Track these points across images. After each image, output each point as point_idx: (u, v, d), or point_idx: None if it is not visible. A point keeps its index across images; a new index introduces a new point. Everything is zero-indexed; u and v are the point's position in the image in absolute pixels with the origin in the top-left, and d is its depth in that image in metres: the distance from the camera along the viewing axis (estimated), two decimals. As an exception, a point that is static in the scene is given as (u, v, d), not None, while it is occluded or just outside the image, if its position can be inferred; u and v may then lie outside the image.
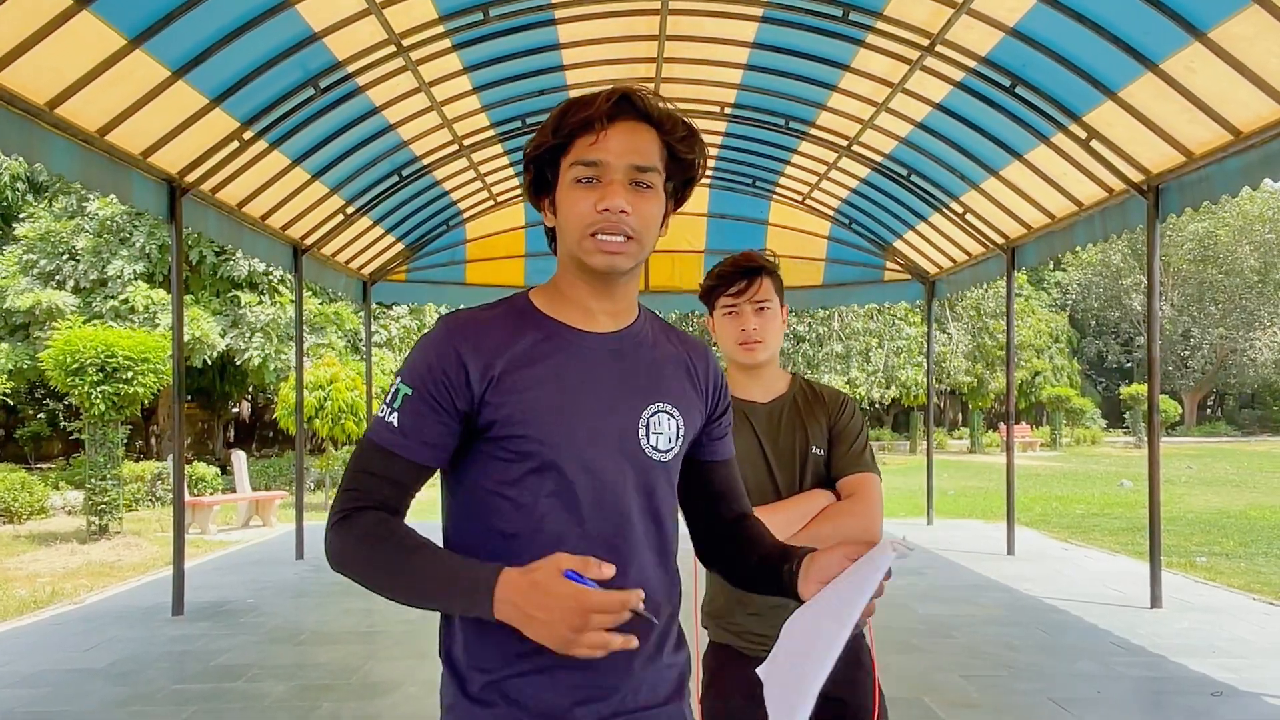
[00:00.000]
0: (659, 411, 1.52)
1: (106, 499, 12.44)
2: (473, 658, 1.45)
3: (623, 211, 1.41)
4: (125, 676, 5.78)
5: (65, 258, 20.68)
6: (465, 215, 12.27)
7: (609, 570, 1.29)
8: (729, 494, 1.71)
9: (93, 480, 12.48)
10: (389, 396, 1.44)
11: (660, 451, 1.52)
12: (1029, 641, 6.43)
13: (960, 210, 10.17)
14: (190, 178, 7.47)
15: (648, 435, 1.50)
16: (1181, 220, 42.45)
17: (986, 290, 35.44)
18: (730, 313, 2.46)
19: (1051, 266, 47.14)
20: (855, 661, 2.59)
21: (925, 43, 7.38)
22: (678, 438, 1.55)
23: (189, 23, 5.92)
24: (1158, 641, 6.37)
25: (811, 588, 1.53)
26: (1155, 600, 7.43)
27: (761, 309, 2.44)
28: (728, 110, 9.86)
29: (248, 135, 7.48)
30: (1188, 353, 47.01)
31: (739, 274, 2.46)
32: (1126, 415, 40.94)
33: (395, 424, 1.42)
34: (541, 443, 1.42)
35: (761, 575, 1.62)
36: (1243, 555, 11.22)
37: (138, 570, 10.06)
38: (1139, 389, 38.91)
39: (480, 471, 1.46)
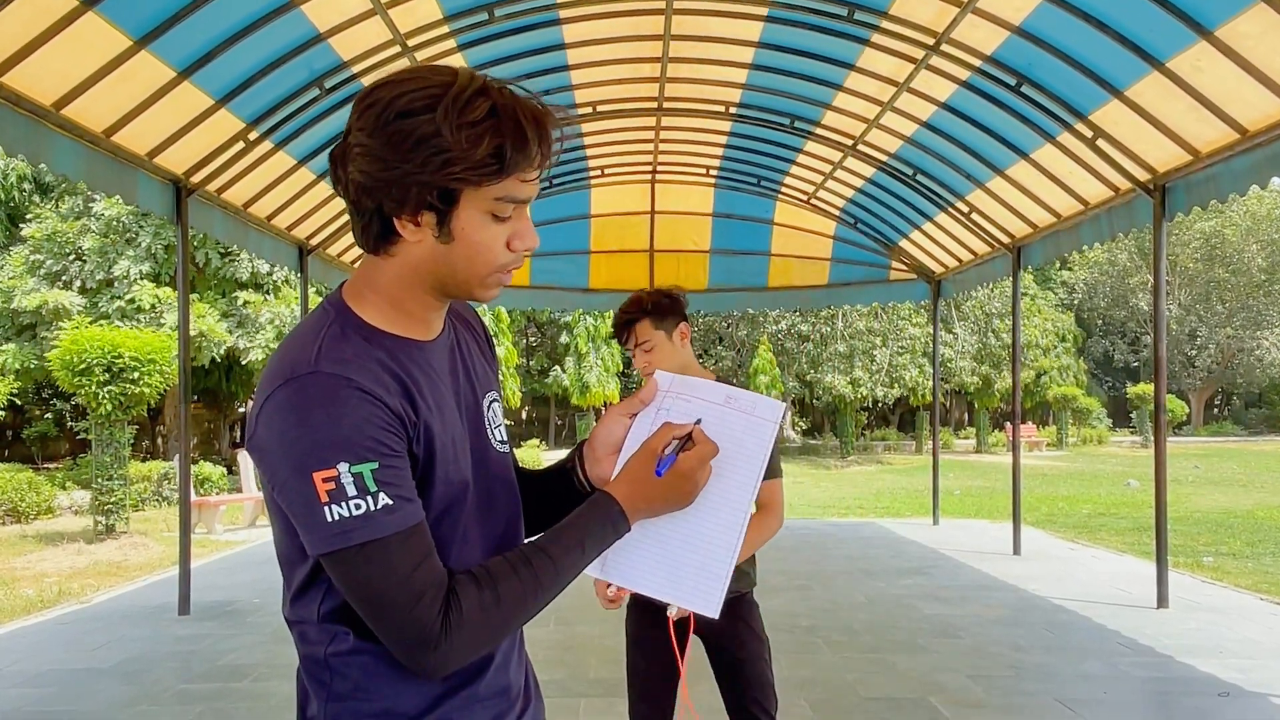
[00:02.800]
0: (493, 402, 1.49)
1: (113, 499, 12.46)
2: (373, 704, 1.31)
3: None
4: (132, 676, 5.79)
5: (72, 258, 20.75)
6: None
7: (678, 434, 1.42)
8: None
9: (99, 480, 12.50)
10: (349, 491, 1.18)
11: (502, 443, 1.49)
12: (1035, 642, 6.41)
13: (966, 209, 10.16)
14: (196, 178, 7.49)
15: (491, 429, 1.46)
16: (1189, 220, 42.36)
17: (993, 290, 35.37)
18: (630, 353, 3.07)
19: (1058, 266, 47.08)
20: (738, 616, 3.03)
21: (930, 42, 7.37)
22: (502, 417, 1.53)
23: (195, 23, 5.93)
24: (1164, 642, 6.35)
25: (605, 463, 1.50)
26: (1162, 600, 7.40)
27: (646, 348, 2.99)
28: (733, 110, 9.85)
29: (253, 136, 7.49)
30: (1194, 352, 46.90)
31: (617, 331, 3.06)
32: (1133, 415, 40.87)
33: (391, 502, 1.21)
34: (446, 481, 1.32)
35: (549, 491, 1.56)
36: (1249, 555, 11.19)
37: (144, 570, 10.09)
38: (1146, 388, 38.84)
39: None
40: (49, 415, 25.01)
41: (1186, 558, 10.55)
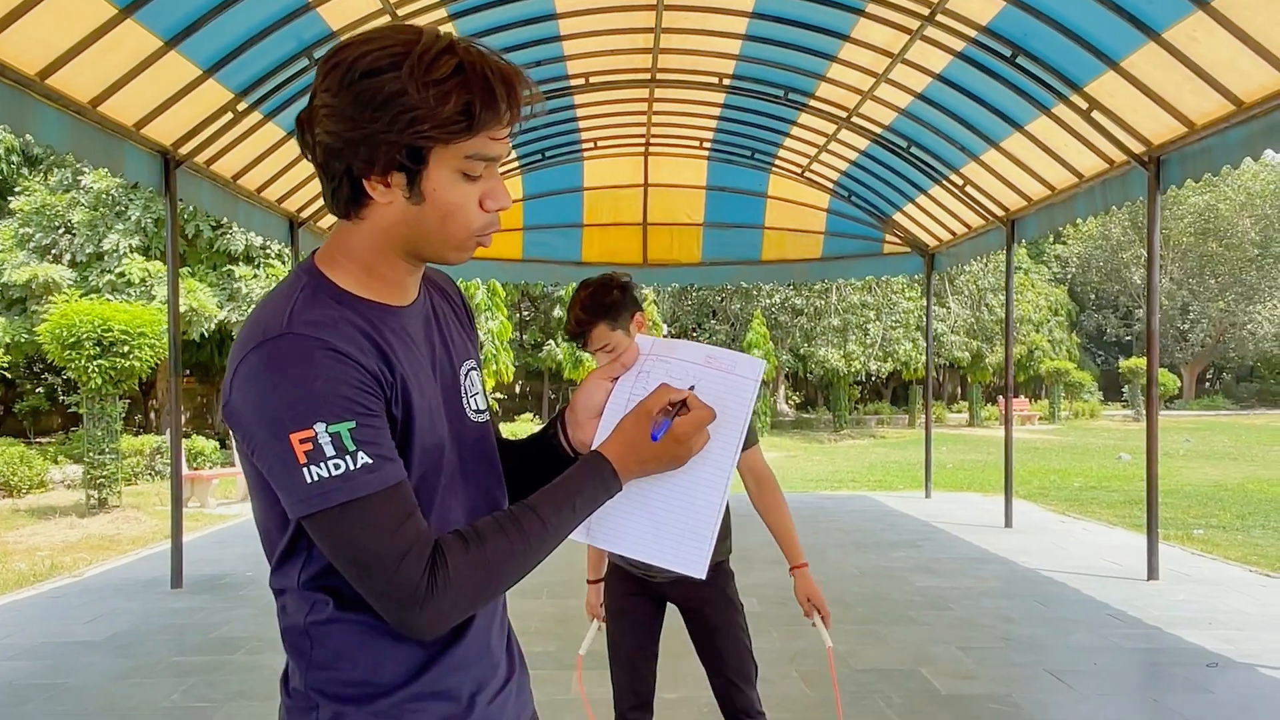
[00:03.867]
0: (470, 371, 1.46)
1: (105, 473, 12.44)
2: (363, 674, 1.30)
3: None
4: (125, 649, 5.80)
5: (61, 231, 20.61)
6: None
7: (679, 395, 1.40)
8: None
9: (90, 454, 12.48)
10: (327, 451, 1.16)
11: (479, 412, 1.46)
12: (1026, 614, 6.44)
13: (960, 182, 10.12)
14: (184, 150, 7.42)
15: (467, 399, 1.43)
16: (1182, 194, 42.32)
17: (986, 264, 35.37)
18: (592, 355, 2.96)
19: (1051, 240, 47.06)
20: (715, 584, 3.02)
21: (925, 12, 7.31)
22: (482, 387, 1.50)
23: (180, -7, 5.86)
24: (1154, 613, 6.39)
25: (587, 427, 1.49)
26: (1152, 572, 7.45)
27: (606, 349, 2.87)
28: (726, 81, 9.77)
29: (242, 106, 7.42)
30: (1187, 326, 47.01)
31: (574, 338, 2.94)
32: (1125, 389, 40.99)
33: (371, 461, 1.18)
34: (423, 447, 1.30)
35: (531, 459, 1.54)
36: (1239, 528, 11.26)
37: (137, 544, 10.08)
38: (1138, 362, 38.95)
39: None
40: (40, 389, 24.93)
41: (1177, 530, 10.61)
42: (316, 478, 1.17)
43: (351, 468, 1.18)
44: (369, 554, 1.19)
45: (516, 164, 11.88)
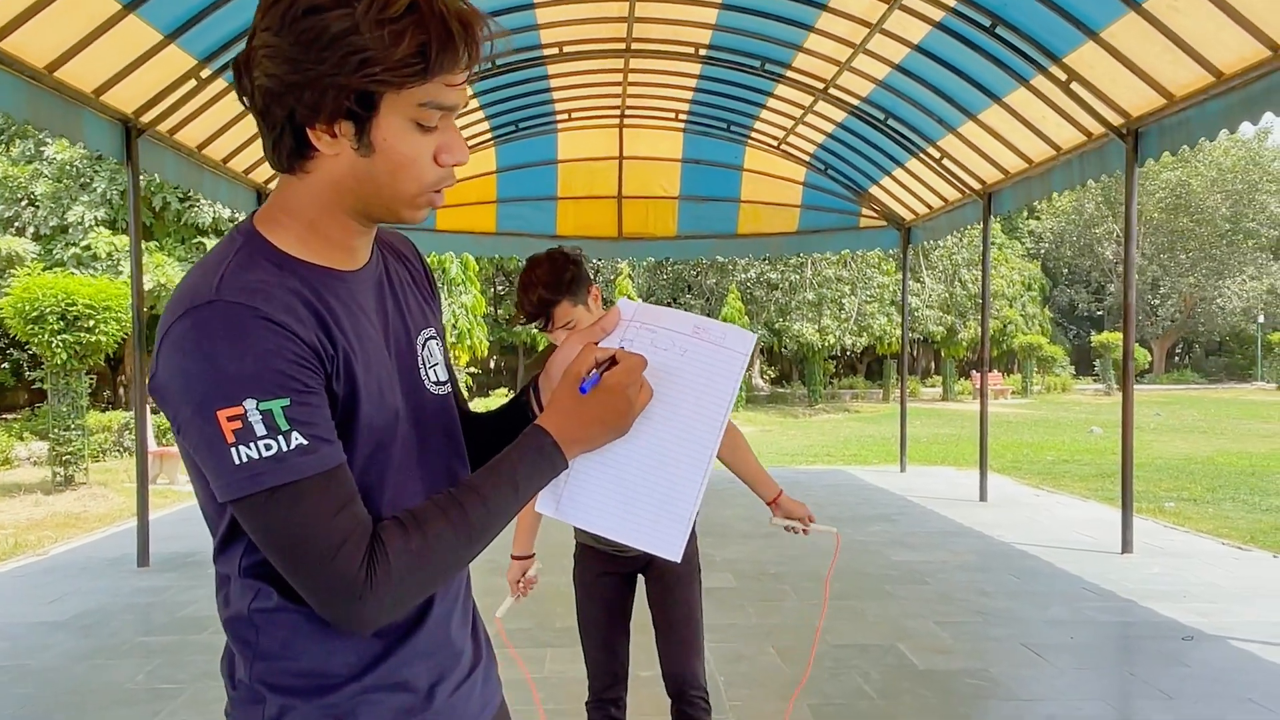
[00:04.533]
0: (429, 340, 1.36)
1: (71, 449, 12.24)
2: (317, 665, 1.21)
3: None
4: (89, 629, 5.67)
5: (24, 203, 20.20)
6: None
7: (605, 355, 1.31)
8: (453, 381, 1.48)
9: (56, 431, 12.27)
10: (257, 430, 1.06)
11: (439, 384, 1.36)
12: (1001, 587, 6.44)
13: (937, 155, 10.06)
14: (146, 118, 7.22)
15: (425, 369, 1.33)
16: (1155, 169, 42.56)
17: (961, 239, 35.44)
18: (551, 335, 2.84)
19: (1025, 215, 47.25)
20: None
21: (905, -20, 7.21)
22: (442, 357, 1.40)
23: (139, -47, 5.66)
24: (1128, 587, 6.39)
25: None
26: (1126, 546, 7.47)
27: (568, 326, 2.76)
28: (703, 52, 9.64)
29: (205, 73, 7.22)
30: (1157, 301, 47.44)
31: (533, 319, 2.79)
32: (1096, 363, 41.31)
33: (306, 442, 1.09)
34: (371, 424, 1.20)
35: (501, 431, 1.43)
36: (1210, 501, 11.35)
37: (104, 521, 9.92)
38: (1110, 337, 39.26)
39: None
40: (5, 365, 24.52)
41: (1149, 503, 10.67)
42: (245, 459, 1.07)
43: (284, 449, 1.08)
44: (302, 543, 1.09)
45: (490, 135, 11.70)
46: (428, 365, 1.35)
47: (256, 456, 1.07)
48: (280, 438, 1.08)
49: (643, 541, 1.33)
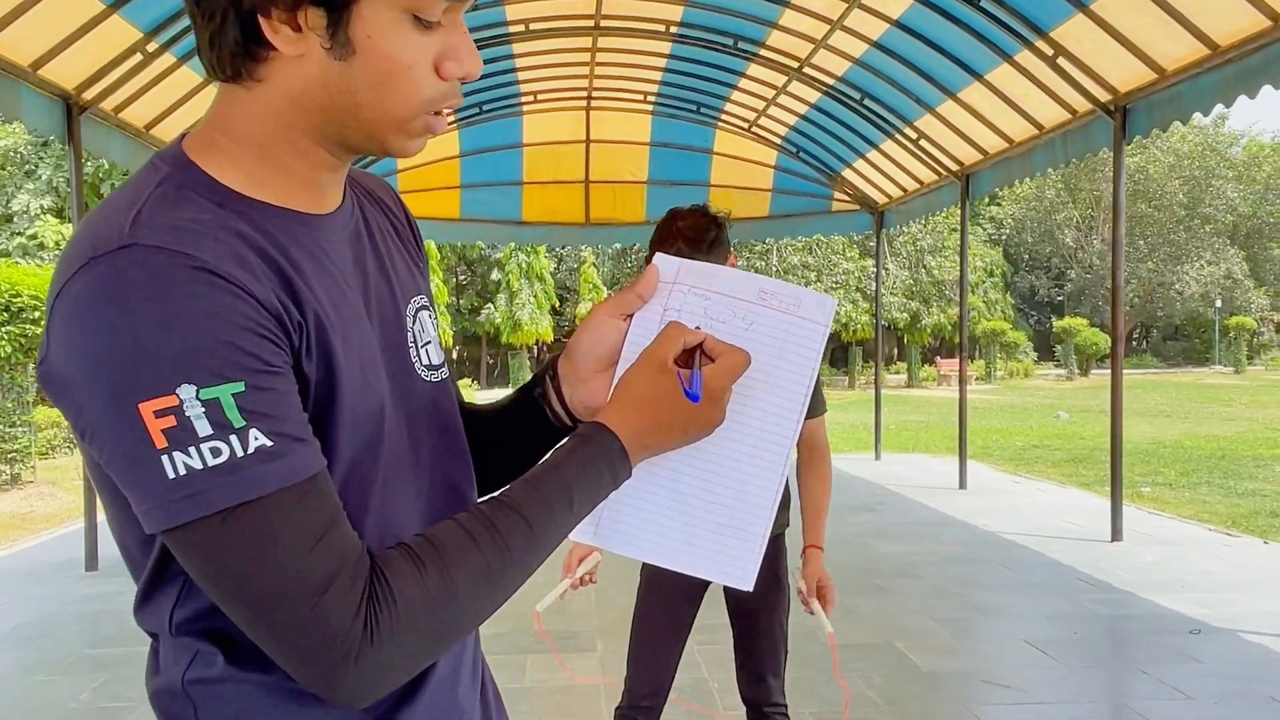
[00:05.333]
0: (420, 310, 1.05)
1: (17, 446, 11.72)
2: None
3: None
4: (31, 641, 5.29)
5: (-34, 192, 19.51)
6: (396, 143, 11.57)
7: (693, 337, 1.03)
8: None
9: (1, 427, 11.74)
10: (199, 429, 0.76)
11: (433, 368, 1.05)
12: (995, 580, 6.22)
13: (914, 136, 9.82)
14: (88, 94, 6.78)
15: (418, 349, 1.03)
16: (1112, 156, 42.83)
17: (925, 225, 35.45)
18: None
19: (986, 201, 47.48)
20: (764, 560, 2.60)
21: (887, -49, 6.94)
22: (436, 332, 1.09)
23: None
24: (1124, 577, 6.20)
25: (594, 383, 1.06)
26: (1116, 534, 7.29)
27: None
28: (674, 29, 9.33)
29: (152, 48, 6.79)
30: (1117, 286, 47.86)
31: (695, 247, 2.48)
32: (1057, 348, 41.59)
33: (270, 443, 0.78)
34: (354, 418, 0.89)
35: (510, 431, 1.13)
36: (1186, 485, 11.29)
37: (51, 522, 9.46)
38: (1071, 322, 39.53)
39: None
40: (-50, 360, 23.74)
41: (1125, 489, 10.50)
42: (183, 470, 0.76)
43: (239, 453, 0.77)
44: (270, 587, 0.78)
45: (452, 119, 11.31)
46: (420, 343, 1.03)
47: (199, 466, 0.76)
48: (233, 438, 0.77)
49: (707, 569, 1.03)
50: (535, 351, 35.77)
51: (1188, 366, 46.55)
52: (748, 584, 1.04)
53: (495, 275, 33.55)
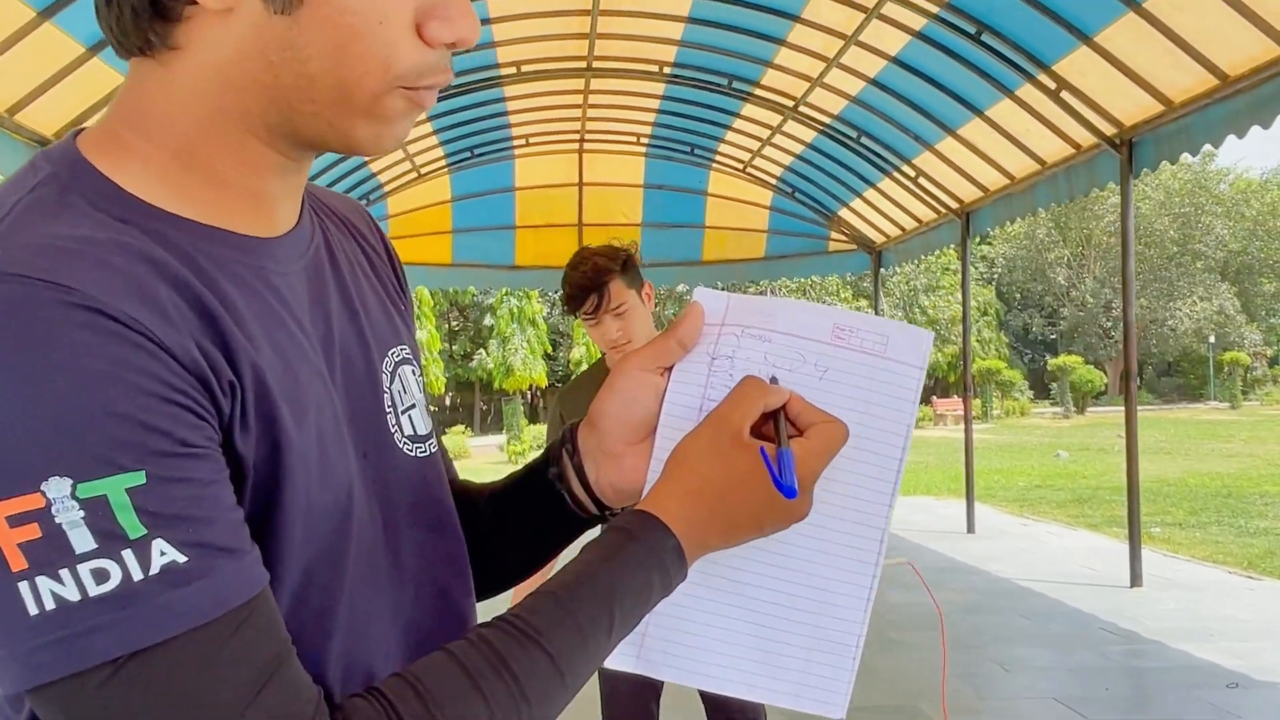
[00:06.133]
0: (400, 364, 0.81)
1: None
2: None
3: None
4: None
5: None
6: (386, 189, 11.44)
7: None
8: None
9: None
10: (75, 542, 0.52)
11: (418, 440, 0.81)
12: (1015, 631, 5.96)
13: (913, 174, 9.68)
14: (68, 140, 6.59)
15: (395, 414, 0.78)
16: (1102, 194, 43.09)
17: (919, 265, 35.47)
18: (592, 324, 2.56)
19: (978, 240, 47.67)
20: None
21: (886, -14, 6.82)
22: (422, 393, 0.84)
23: (53, -48, 5.09)
24: (1148, 625, 5.94)
25: (628, 458, 0.83)
26: (1135, 579, 7.03)
27: (619, 313, 2.52)
28: (667, 70, 9.22)
29: (134, 92, 6.62)
30: (1110, 323, 47.91)
31: (585, 294, 2.51)
32: (1052, 386, 41.49)
33: (183, 558, 0.54)
34: (310, 510, 0.66)
35: (519, 520, 0.89)
36: (1195, 525, 11.06)
37: None
38: (1066, 360, 39.50)
39: None
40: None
41: (1138, 530, 10.32)
42: (51, 604, 0.53)
43: (136, 576, 0.54)
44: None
45: (444, 163, 11.17)
46: (400, 407, 0.79)
47: (74, 598, 0.53)
48: (127, 554, 0.53)
49: (785, 697, 0.80)
50: (529, 397, 35.52)
51: (1183, 402, 46.46)
52: (839, 711, 0.80)
53: (488, 320, 33.39)
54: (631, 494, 0.82)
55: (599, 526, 0.84)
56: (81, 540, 0.52)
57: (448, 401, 38.18)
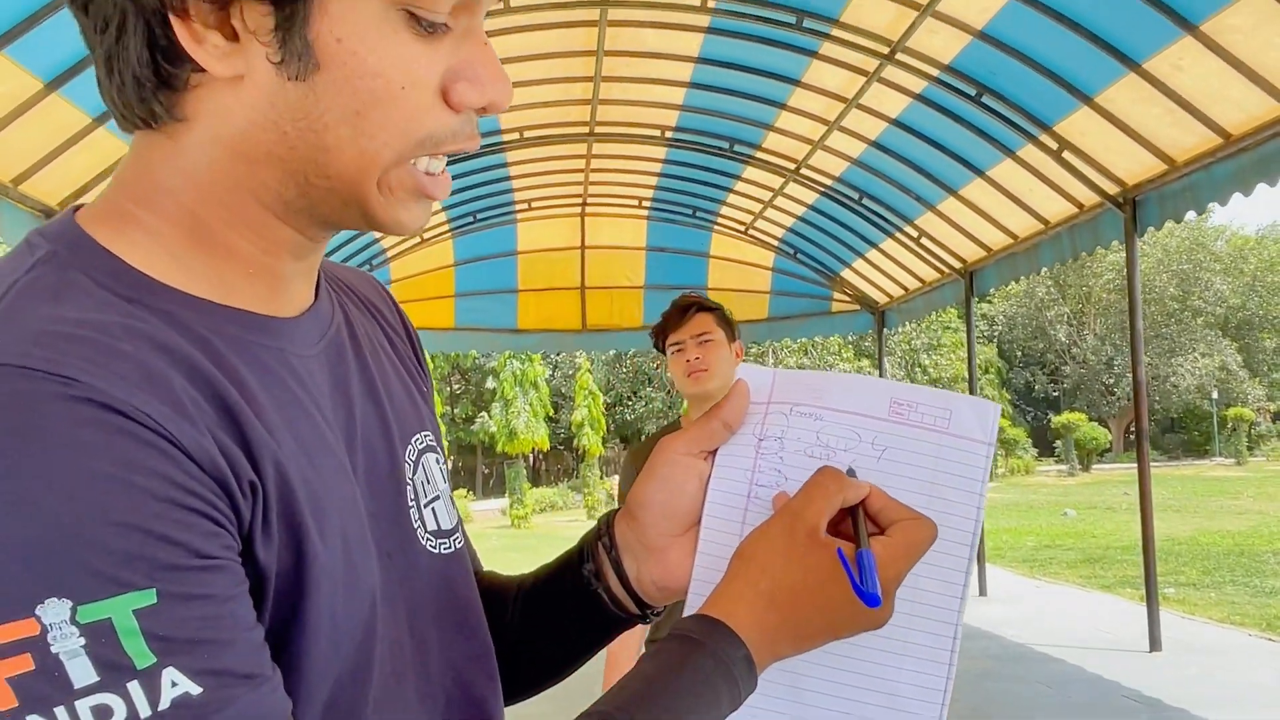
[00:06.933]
0: (424, 452, 0.75)
1: None
2: None
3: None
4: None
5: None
6: (389, 254, 11.46)
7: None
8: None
9: None
10: (74, 675, 0.46)
11: (442, 534, 0.74)
12: (1040, 701, 5.80)
13: (915, 234, 9.70)
14: (73, 209, 6.60)
15: (420, 508, 0.73)
16: (1102, 253, 43.28)
17: (920, 324, 35.55)
18: (677, 349, 2.74)
19: (978, 299, 47.85)
20: None
21: (885, 51, 6.87)
22: (446, 483, 0.78)
23: (60, 25, 5.10)
24: (1174, 693, 5.78)
25: (672, 552, 0.76)
26: (1154, 643, 6.87)
27: (703, 341, 2.70)
28: (669, 134, 9.28)
29: (139, 161, 6.64)
30: (1112, 381, 47.84)
31: (677, 312, 2.78)
32: (1057, 444, 41.29)
33: (199, 689, 0.48)
34: (334, 624, 0.59)
35: (552, 620, 0.82)
36: (1210, 585, 10.89)
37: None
38: (1071, 417, 39.35)
39: None
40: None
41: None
42: None
43: (143, 713, 0.47)
44: None
45: (447, 228, 11.21)
46: (423, 499, 0.73)
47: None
48: (134, 687, 0.47)
49: None
50: (531, 460, 35.35)
51: (1188, 459, 46.18)
52: None
53: (490, 383, 33.35)
54: (677, 591, 0.76)
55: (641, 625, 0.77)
56: (81, 672, 0.46)
57: (450, 465, 38.09)
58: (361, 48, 0.57)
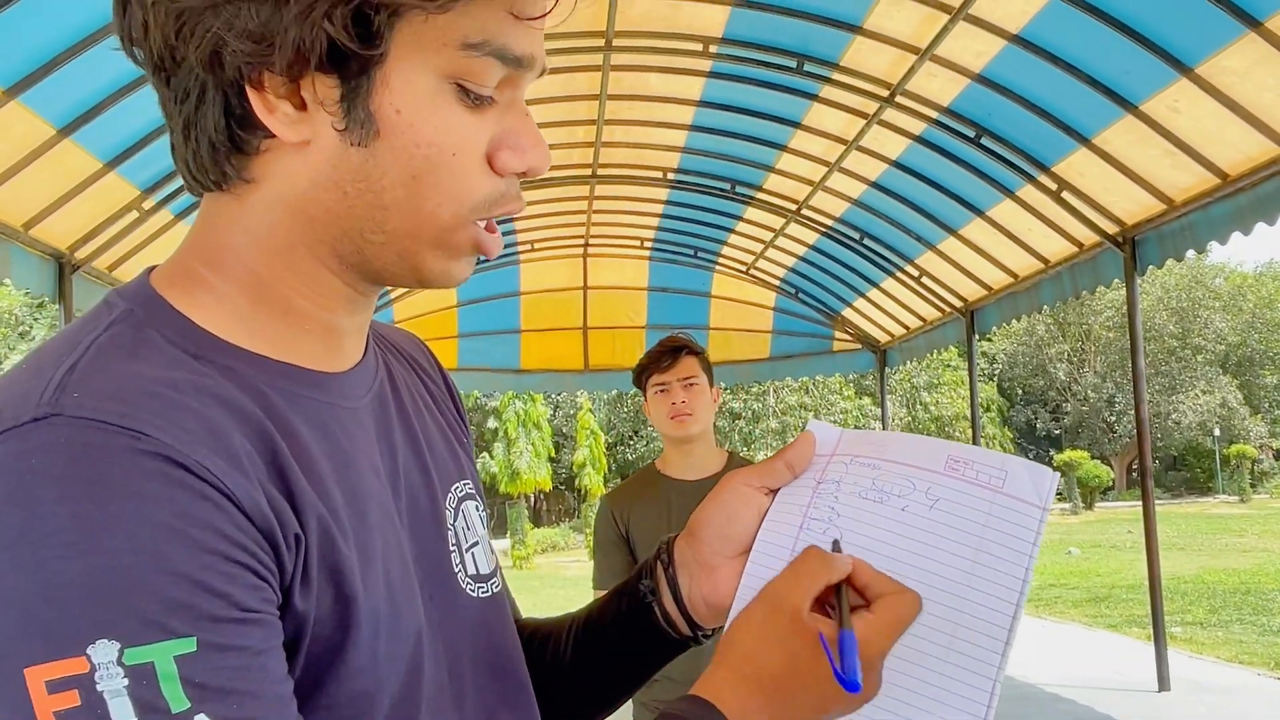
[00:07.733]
0: (464, 500, 0.80)
1: None
2: None
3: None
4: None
5: (-42, 355, 19.42)
6: (393, 295, 11.54)
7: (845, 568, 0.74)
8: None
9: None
10: (132, 705, 0.49)
11: (482, 579, 0.78)
12: (1045, 740, 5.78)
13: (916, 274, 9.77)
14: (81, 253, 6.65)
15: (461, 554, 0.76)
16: (1100, 291, 43.47)
17: (920, 363, 35.62)
18: (662, 390, 2.77)
19: (978, 337, 47.98)
20: None
21: (885, 93, 6.97)
22: (485, 529, 0.83)
23: (74, 73, 5.19)
24: (1183, 732, 5.77)
25: (723, 571, 0.80)
26: (1163, 683, 6.83)
27: (689, 385, 2.74)
28: (670, 175, 9.38)
29: (148, 205, 6.71)
30: (1114, 418, 47.81)
31: (664, 354, 2.80)
32: (1060, 482, 41.26)
33: None
34: (375, 667, 0.62)
35: (603, 646, 0.85)
36: (1217, 624, 10.83)
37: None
38: (1073, 455, 39.27)
39: None
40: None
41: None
42: None
43: None
44: None
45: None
46: (464, 545, 0.77)
47: None
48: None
49: None
50: (532, 500, 35.24)
51: (1190, 496, 46.06)
52: None
53: (491, 423, 33.33)
54: (723, 611, 0.79)
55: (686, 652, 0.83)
56: (122, 712, 0.49)
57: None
58: (418, 118, 0.62)
